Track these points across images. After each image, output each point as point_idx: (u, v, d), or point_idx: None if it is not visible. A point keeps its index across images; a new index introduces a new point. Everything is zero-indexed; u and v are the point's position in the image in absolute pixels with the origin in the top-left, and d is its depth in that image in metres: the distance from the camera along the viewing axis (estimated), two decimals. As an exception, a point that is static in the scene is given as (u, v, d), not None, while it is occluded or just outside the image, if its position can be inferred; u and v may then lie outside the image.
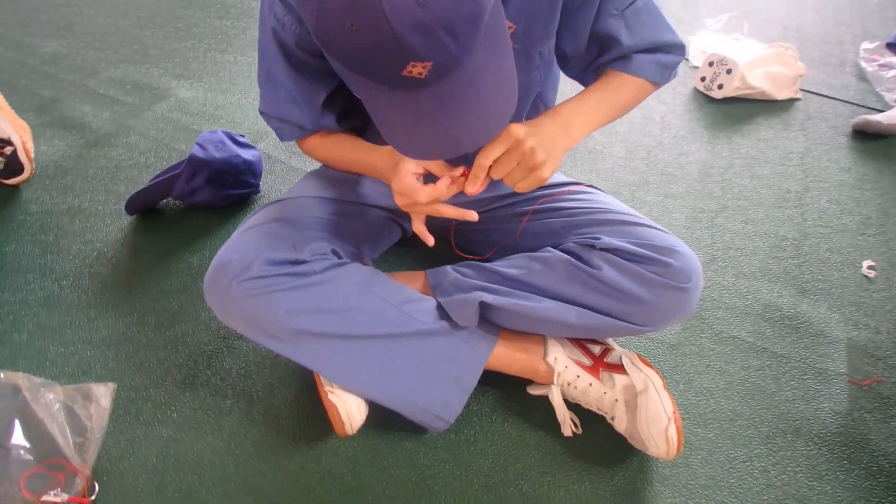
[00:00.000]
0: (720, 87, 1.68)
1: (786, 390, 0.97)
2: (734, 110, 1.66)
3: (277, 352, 0.82)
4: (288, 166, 1.39)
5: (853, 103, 1.73)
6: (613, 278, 0.81)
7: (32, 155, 1.28)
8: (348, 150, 0.90)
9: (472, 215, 0.77)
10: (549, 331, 0.89)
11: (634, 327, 0.83)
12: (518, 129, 0.73)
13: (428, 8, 0.53)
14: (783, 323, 1.09)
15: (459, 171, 0.76)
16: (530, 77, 0.86)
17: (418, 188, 0.75)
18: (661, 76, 0.86)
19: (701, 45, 1.93)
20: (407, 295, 0.87)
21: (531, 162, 0.73)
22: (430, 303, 0.88)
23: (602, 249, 0.84)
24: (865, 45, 2.00)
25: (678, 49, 0.86)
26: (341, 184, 0.97)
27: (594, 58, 0.87)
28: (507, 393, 0.94)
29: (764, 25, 2.11)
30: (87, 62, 1.77)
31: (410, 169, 0.76)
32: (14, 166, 1.26)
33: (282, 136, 0.92)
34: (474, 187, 0.73)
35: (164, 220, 1.25)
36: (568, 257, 0.85)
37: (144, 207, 1.24)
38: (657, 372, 0.85)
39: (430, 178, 0.80)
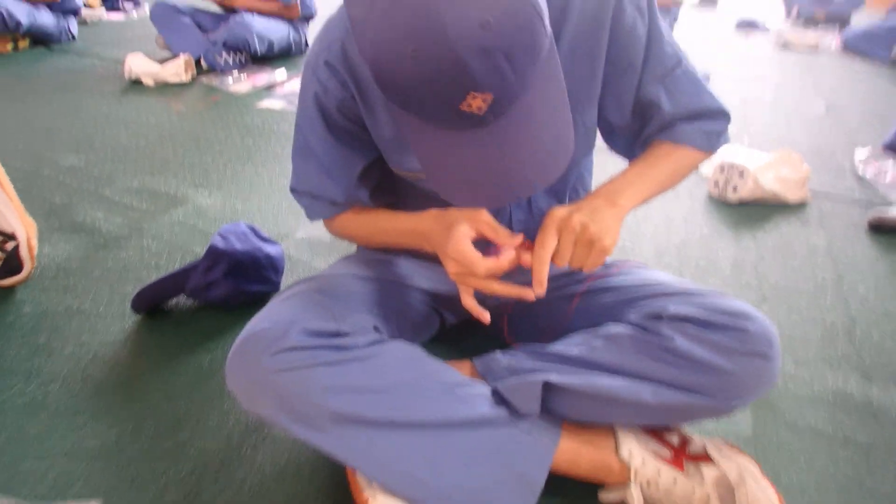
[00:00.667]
0: (734, 189, 1.70)
1: (884, 484, 0.85)
2: (751, 211, 1.67)
3: (311, 442, 0.69)
4: (310, 266, 1.34)
5: (862, 202, 1.75)
6: (687, 348, 0.72)
7: (35, 252, 1.21)
8: (386, 221, 0.85)
9: (530, 294, 0.70)
10: (622, 417, 0.77)
11: (718, 404, 0.72)
12: (559, 210, 0.71)
13: (490, 30, 0.51)
14: (859, 410, 0.99)
15: (519, 238, 0.71)
16: (575, 146, 0.84)
17: (477, 258, 0.69)
18: (709, 143, 0.84)
19: (704, 155, 2.00)
20: (459, 378, 0.77)
21: (586, 236, 0.69)
22: (485, 388, 0.77)
23: (671, 319, 0.76)
24: (859, 152, 2.08)
25: (722, 115, 0.85)
26: (380, 265, 0.91)
27: (639, 129, 0.86)
28: (573, 502, 0.80)
29: (762, 140, 2.21)
30: (104, 173, 1.78)
31: (466, 233, 0.70)
32: (13, 263, 1.19)
33: (312, 215, 0.88)
34: (542, 289, 0.68)
35: (173, 320, 1.16)
36: (633, 329, 0.77)
37: (153, 304, 1.16)
38: (750, 458, 0.73)
39: (481, 246, 0.75)
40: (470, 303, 0.73)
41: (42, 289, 1.23)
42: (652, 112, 0.83)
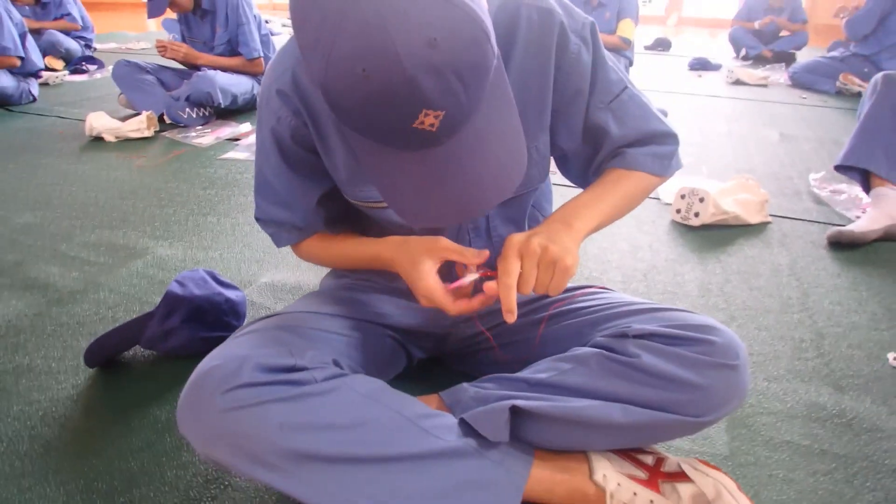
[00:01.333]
0: (696, 214, 1.73)
1: (864, 493, 0.84)
2: (714, 234, 1.70)
3: (271, 485, 0.65)
4: (274, 312, 1.30)
5: (820, 222, 1.80)
6: (654, 364, 0.71)
7: (-13, 310, 1.16)
8: (349, 247, 0.87)
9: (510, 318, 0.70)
10: (594, 441, 0.75)
11: (690, 420, 0.70)
12: (517, 236, 0.71)
13: (438, 49, 0.52)
14: (832, 422, 0.98)
15: (486, 253, 0.72)
16: (529, 172, 0.84)
17: (448, 301, 0.72)
18: (661, 167, 0.86)
19: (667, 185, 2.04)
20: (423, 409, 0.74)
21: (547, 257, 0.69)
22: (451, 419, 0.75)
23: (636, 337, 0.75)
24: (813, 175, 2.15)
25: (671, 138, 0.87)
26: (343, 301, 0.90)
27: (590, 156, 0.87)
28: (548, 529, 0.77)
29: (720, 169, 2.27)
30: (60, 229, 1.73)
31: (431, 269, 0.73)
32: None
33: (279, 242, 0.89)
34: (513, 316, 0.69)
35: (129, 373, 1.10)
36: (599, 350, 0.76)
37: (107, 358, 1.10)
38: (725, 473, 0.71)
39: (448, 268, 0.75)
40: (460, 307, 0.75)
41: (-11, 348, 1.17)
42: (601, 137, 0.84)
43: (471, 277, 0.74)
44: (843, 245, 1.63)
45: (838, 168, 1.81)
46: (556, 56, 0.77)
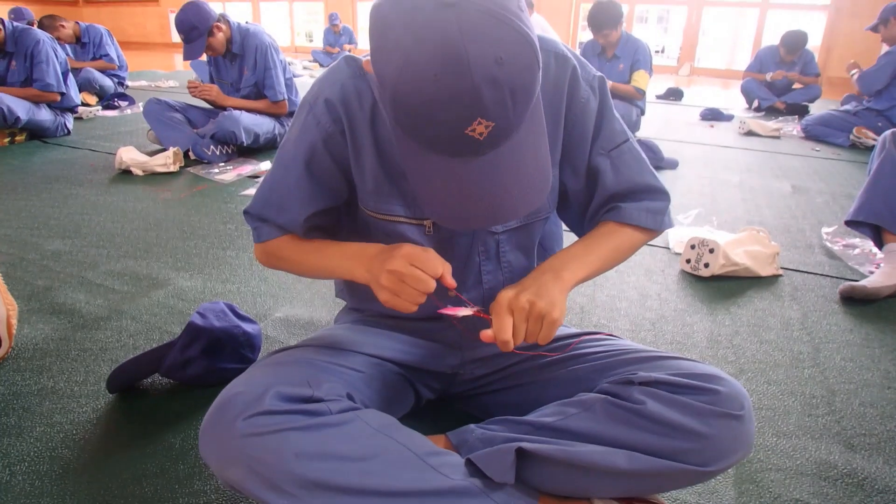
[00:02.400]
0: (706, 265, 1.75)
1: (876, 557, 0.82)
2: (724, 286, 1.71)
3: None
4: (287, 346, 1.33)
5: (833, 276, 1.80)
6: (659, 412, 0.73)
7: (14, 332, 1.21)
8: (328, 246, 0.89)
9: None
10: (598, 487, 0.76)
11: (694, 469, 0.72)
12: (507, 293, 0.77)
13: (503, 67, 0.59)
14: (843, 481, 0.97)
15: (453, 283, 0.77)
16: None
17: (431, 254, 0.75)
18: (654, 222, 0.91)
19: (677, 235, 2.07)
20: (432, 447, 0.76)
21: (535, 312, 0.75)
22: (458, 458, 0.76)
23: (641, 384, 0.77)
24: (825, 229, 2.16)
25: (662, 195, 0.93)
26: (357, 338, 0.93)
27: (586, 201, 0.92)
28: (551, 574, 0.77)
29: (730, 221, 2.30)
30: (88, 257, 1.79)
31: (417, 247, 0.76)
32: (-8, 343, 1.18)
33: (260, 237, 0.93)
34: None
35: (147, 400, 1.13)
36: (605, 396, 0.78)
37: (128, 384, 1.14)
38: (731, 526, 0.72)
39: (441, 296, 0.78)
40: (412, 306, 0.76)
41: (16, 369, 1.21)
42: (596, 182, 0.90)
43: (464, 312, 0.78)
44: (856, 300, 1.63)
45: (849, 223, 1.83)
46: (568, 100, 0.85)
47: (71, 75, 3.40)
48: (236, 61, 3.02)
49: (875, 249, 1.91)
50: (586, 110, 0.86)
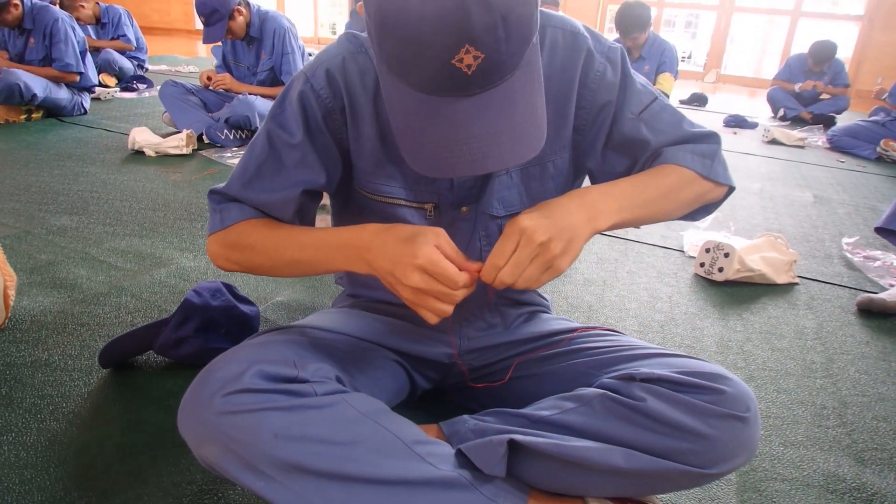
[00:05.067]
0: (720, 269, 1.70)
1: (884, 577, 0.78)
2: (738, 291, 1.66)
3: (258, 493, 0.64)
4: (284, 325, 1.31)
5: (851, 287, 1.75)
6: (660, 410, 0.69)
7: (11, 303, 1.20)
8: (307, 235, 0.78)
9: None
10: (592, 485, 0.72)
11: (694, 471, 0.68)
12: (527, 220, 0.67)
13: None
14: (851, 495, 0.93)
15: (476, 265, 0.69)
16: (545, 186, 0.86)
17: (455, 270, 0.65)
18: (702, 166, 0.83)
19: (692, 239, 2.02)
20: (420, 435, 0.72)
21: (546, 256, 0.67)
22: (448, 448, 0.73)
23: (643, 381, 0.73)
24: (846, 240, 2.10)
25: (710, 137, 0.86)
26: (354, 322, 0.90)
27: (630, 168, 0.86)
28: (539, 574, 0.74)
29: (748, 227, 2.24)
30: (93, 234, 1.79)
31: (437, 247, 0.66)
32: (-12, 312, 1.17)
33: (224, 220, 0.80)
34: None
35: (139, 377, 1.12)
36: (604, 391, 0.74)
37: (121, 359, 1.12)
38: (730, 535, 0.68)
39: None
40: (435, 317, 0.68)
41: (12, 340, 1.21)
42: (638, 148, 0.84)
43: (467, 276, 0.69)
44: (874, 313, 1.57)
45: (879, 230, 1.77)
46: (581, 75, 0.80)
47: (89, 55, 3.41)
48: (254, 45, 3.01)
49: (896, 262, 1.85)
50: (603, 81, 0.81)
